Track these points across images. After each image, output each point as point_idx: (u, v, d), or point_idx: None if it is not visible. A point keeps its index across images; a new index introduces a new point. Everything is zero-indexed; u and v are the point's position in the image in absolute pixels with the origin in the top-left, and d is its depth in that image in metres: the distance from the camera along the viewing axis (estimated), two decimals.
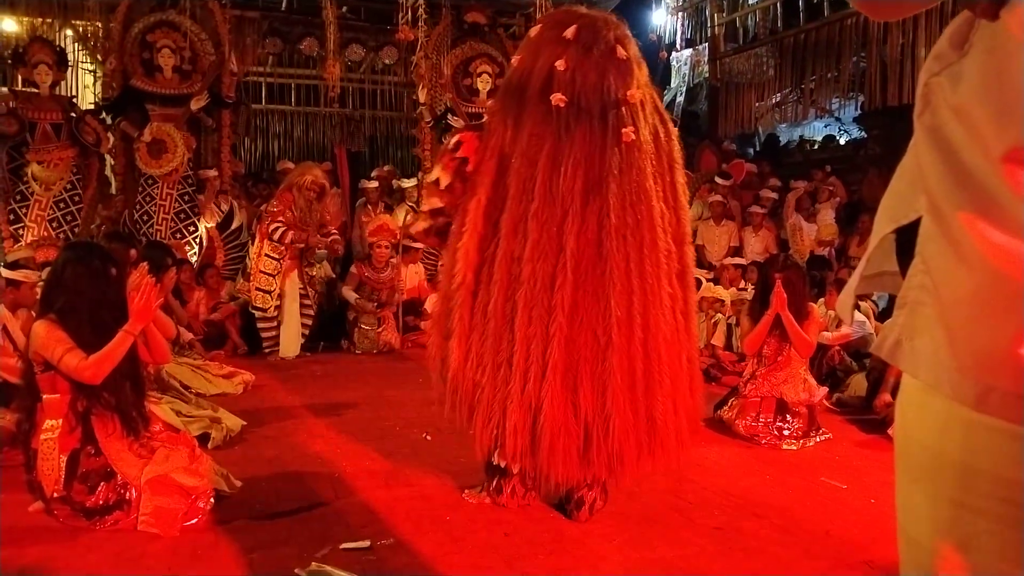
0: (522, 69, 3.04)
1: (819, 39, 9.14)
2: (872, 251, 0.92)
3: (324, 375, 6.37)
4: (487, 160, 2.99)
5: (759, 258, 7.79)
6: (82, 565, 2.70)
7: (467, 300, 2.96)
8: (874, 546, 2.96)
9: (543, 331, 2.85)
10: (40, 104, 7.74)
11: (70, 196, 7.81)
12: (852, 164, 9.82)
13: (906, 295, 0.85)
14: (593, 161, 2.89)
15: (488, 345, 2.93)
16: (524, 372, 2.87)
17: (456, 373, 2.98)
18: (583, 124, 2.90)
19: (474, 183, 3.00)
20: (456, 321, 2.97)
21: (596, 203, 2.88)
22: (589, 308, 2.87)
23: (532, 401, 2.86)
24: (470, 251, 2.95)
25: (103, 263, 3.25)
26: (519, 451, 2.91)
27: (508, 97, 3.07)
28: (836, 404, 5.33)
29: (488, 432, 2.95)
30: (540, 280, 2.85)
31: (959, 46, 0.80)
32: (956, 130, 0.78)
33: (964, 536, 0.81)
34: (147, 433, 3.21)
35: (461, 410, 3.02)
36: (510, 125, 2.96)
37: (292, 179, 7.34)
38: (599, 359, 2.88)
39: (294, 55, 10.77)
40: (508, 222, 2.91)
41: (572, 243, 2.84)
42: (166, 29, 8.11)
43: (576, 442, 2.89)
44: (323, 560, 2.73)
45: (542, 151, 2.89)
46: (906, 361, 0.84)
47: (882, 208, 0.92)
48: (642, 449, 2.96)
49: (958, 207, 0.77)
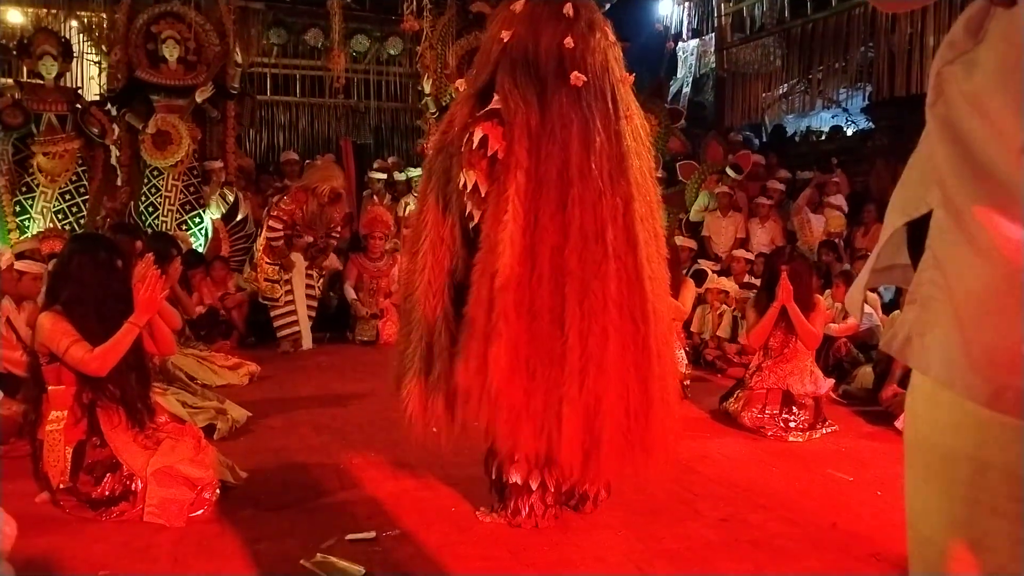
0: (523, 45, 2.85)
1: (827, 29, 9.09)
2: (883, 244, 0.90)
3: (330, 366, 6.37)
4: (517, 142, 2.75)
5: (765, 250, 7.76)
6: (88, 555, 2.71)
7: (512, 299, 2.68)
8: (881, 538, 2.95)
9: (596, 325, 2.69)
10: (45, 95, 7.75)
11: (75, 187, 7.83)
12: (859, 155, 9.77)
13: (917, 290, 0.83)
14: (612, 142, 2.81)
15: (536, 346, 2.70)
16: (580, 370, 2.67)
17: (503, 382, 2.66)
18: (600, 104, 2.82)
19: (507, 167, 2.75)
20: (501, 323, 2.67)
21: (620, 187, 2.79)
22: (628, 296, 2.76)
23: (590, 400, 2.68)
24: (515, 242, 2.69)
25: (109, 255, 3.25)
26: (575, 460, 2.71)
27: (519, 75, 2.84)
28: (842, 396, 5.31)
29: (541, 443, 2.70)
30: (589, 269, 2.70)
31: (974, 33, 0.78)
32: (971, 121, 0.76)
33: (977, 534, 0.79)
34: (153, 424, 3.22)
35: (505, 424, 2.71)
36: (534, 104, 2.79)
37: (312, 181, 7.15)
38: (640, 347, 2.77)
39: (299, 46, 10.76)
40: (546, 209, 2.73)
41: (610, 229, 2.73)
42: (171, 20, 8.11)
43: (625, 436, 2.75)
44: (328, 551, 2.73)
45: (571, 132, 2.76)
46: (917, 358, 0.83)
47: (893, 201, 0.90)
48: (667, 436, 2.89)
49: (973, 200, 0.75)
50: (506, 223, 2.68)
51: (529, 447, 2.72)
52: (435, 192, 2.92)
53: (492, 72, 2.89)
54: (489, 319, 2.68)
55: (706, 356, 6.44)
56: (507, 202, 2.70)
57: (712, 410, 4.90)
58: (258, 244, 7.24)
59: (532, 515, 2.95)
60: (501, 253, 2.67)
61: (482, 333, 2.69)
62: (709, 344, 6.58)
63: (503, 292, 2.66)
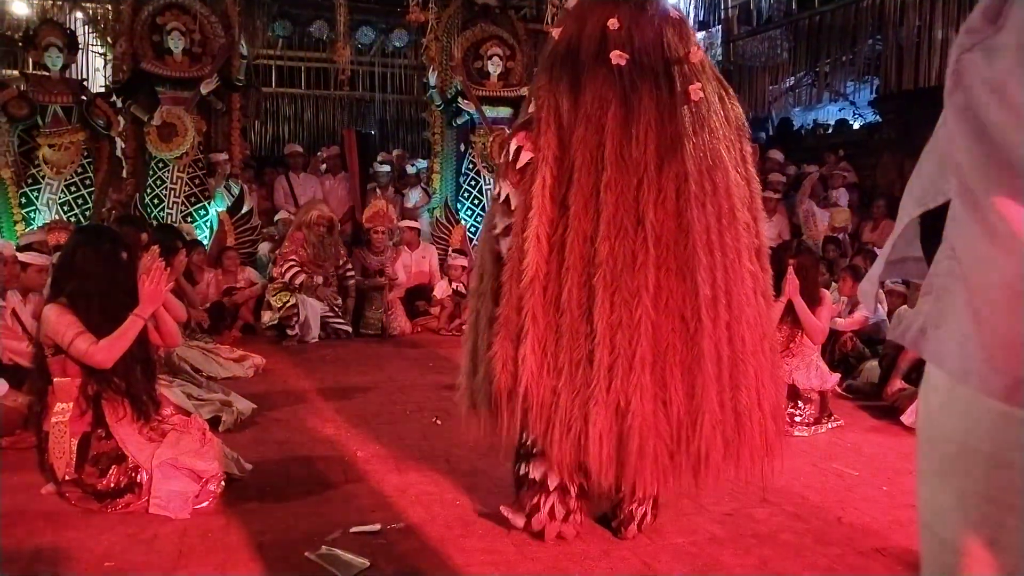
0: (567, 38, 2.76)
1: (834, 21, 9.04)
2: (897, 235, 0.89)
3: (335, 359, 6.37)
4: (544, 134, 2.65)
5: (772, 243, 7.72)
6: (94, 547, 2.71)
7: (540, 295, 2.60)
8: (886, 533, 2.94)
9: (628, 318, 2.52)
10: (51, 87, 7.76)
11: (81, 179, 7.85)
12: (866, 148, 9.73)
13: (932, 281, 0.81)
14: (664, 122, 2.61)
15: (564, 343, 2.58)
16: (609, 368, 2.53)
17: (532, 383, 2.58)
18: (648, 82, 2.62)
19: (534, 163, 2.66)
20: (528, 322, 2.59)
21: (672, 168, 2.58)
22: (674, 289, 2.56)
23: (619, 400, 2.53)
24: (541, 237, 2.60)
25: (114, 247, 3.25)
26: (604, 461, 2.55)
27: (556, 67, 2.73)
28: (847, 390, 5.30)
29: (569, 444, 2.57)
30: (620, 259, 2.53)
31: (993, 19, 0.76)
32: (991, 108, 0.74)
33: (993, 533, 0.78)
34: (158, 416, 3.23)
35: (537, 425, 2.62)
36: (564, 93, 2.65)
37: (299, 219, 7.39)
38: (688, 346, 2.57)
39: (304, 38, 10.74)
40: (577, 198, 2.58)
41: (651, 215, 2.54)
42: (176, 11, 8.09)
43: (666, 444, 2.56)
44: (333, 543, 2.74)
45: (607, 114, 2.59)
46: (931, 350, 0.81)
47: (908, 191, 0.88)
48: (729, 449, 2.63)
49: (992, 190, 0.73)
50: (530, 221, 2.60)
51: (560, 449, 2.59)
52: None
53: (541, 74, 2.83)
54: (519, 318, 2.61)
55: None
56: (531, 198, 2.61)
57: None
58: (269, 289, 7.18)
59: (554, 517, 2.77)
60: (527, 250, 2.59)
61: (513, 333, 2.62)
62: None
63: (530, 290, 2.59)
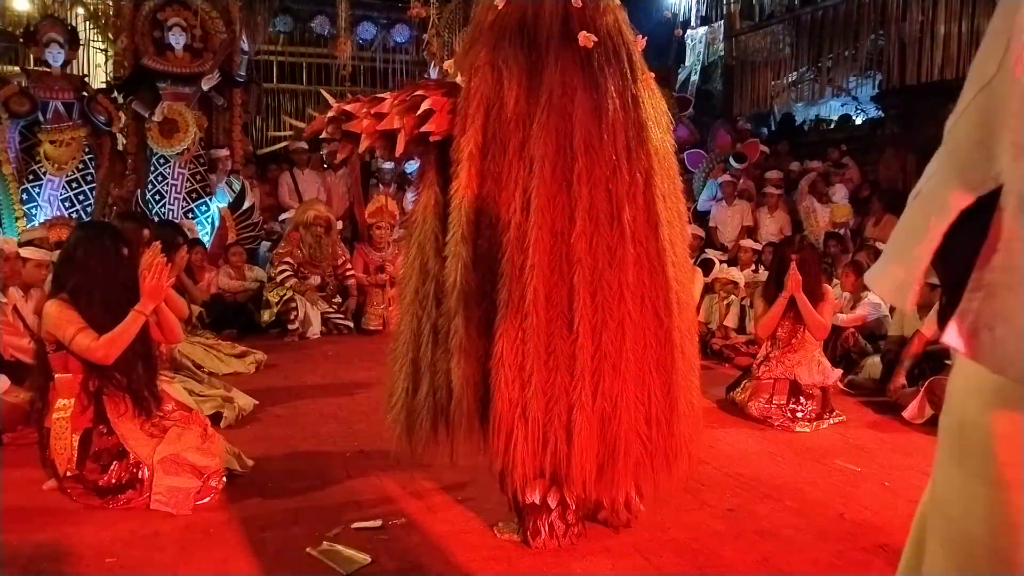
0: (520, 9, 2.53)
1: (836, 16, 9.02)
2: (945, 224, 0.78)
3: (336, 355, 6.38)
4: (472, 124, 2.45)
5: (774, 239, 7.72)
6: (95, 542, 2.72)
7: (469, 307, 2.45)
8: (888, 528, 2.94)
9: (612, 318, 2.42)
10: (52, 83, 7.75)
11: (82, 175, 7.84)
12: (869, 144, 9.71)
13: (982, 276, 0.73)
14: (629, 108, 2.52)
15: (530, 349, 2.40)
16: (594, 372, 2.42)
17: (499, 396, 2.43)
18: (614, 67, 2.53)
19: (458, 159, 2.46)
20: (455, 340, 2.45)
21: (640, 158, 2.51)
22: (648, 285, 2.49)
23: (606, 408, 2.43)
24: (469, 243, 2.45)
25: (115, 243, 3.25)
26: (588, 472, 2.45)
27: (505, 45, 2.50)
28: (849, 386, 5.29)
29: (545, 459, 2.45)
30: (600, 256, 2.42)
31: None
32: None
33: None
34: (159, 412, 3.23)
35: (497, 440, 2.47)
36: (514, 76, 2.46)
37: (296, 218, 7.46)
38: (662, 343, 2.51)
39: (305, 33, 10.72)
40: (541, 191, 2.40)
41: (627, 208, 2.45)
42: (177, 7, 8.09)
43: (646, 446, 2.51)
44: (335, 539, 2.74)
45: (575, 100, 2.45)
46: (987, 354, 0.72)
47: (942, 179, 0.79)
48: (692, 440, 2.64)
49: None
50: (459, 224, 2.44)
51: (529, 465, 2.46)
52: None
53: (479, 47, 2.57)
54: (476, 327, 2.47)
55: (712, 345, 6.42)
56: (451, 204, 2.45)
57: (719, 400, 4.89)
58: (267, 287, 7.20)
59: (553, 535, 2.67)
60: (450, 257, 2.45)
61: (473, 344, 2.48)
62: (716, 333, 6.56)
63: (457, 300, 2.45)
